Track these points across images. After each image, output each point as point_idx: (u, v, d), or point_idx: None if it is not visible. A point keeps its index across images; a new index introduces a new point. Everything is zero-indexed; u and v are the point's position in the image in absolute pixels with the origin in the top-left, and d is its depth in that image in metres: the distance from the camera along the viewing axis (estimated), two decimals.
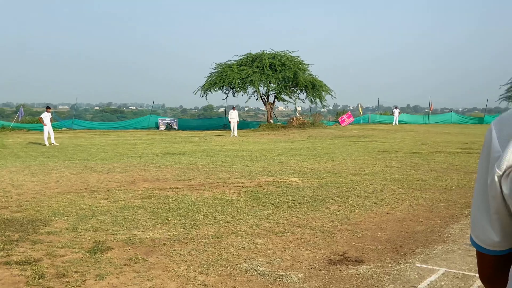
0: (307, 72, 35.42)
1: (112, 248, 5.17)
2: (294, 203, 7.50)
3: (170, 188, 8.95)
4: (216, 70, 35.02)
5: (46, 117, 20.33)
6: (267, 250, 5.18)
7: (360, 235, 5.76)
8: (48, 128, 20.07)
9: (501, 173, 0.92)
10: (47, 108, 21.55)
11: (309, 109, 41.85)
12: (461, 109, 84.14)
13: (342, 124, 36.03)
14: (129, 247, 5.23)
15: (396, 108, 40.24)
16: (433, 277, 4.39)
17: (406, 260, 4.87)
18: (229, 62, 35.15)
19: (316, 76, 36.02)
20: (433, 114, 45.84)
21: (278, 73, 33.32)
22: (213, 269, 4.54)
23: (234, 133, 26.52)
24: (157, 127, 36.17)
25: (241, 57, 35.38)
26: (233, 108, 28.48)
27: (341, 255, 4.99)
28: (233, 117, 27.14)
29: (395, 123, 38.13)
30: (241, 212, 6.92)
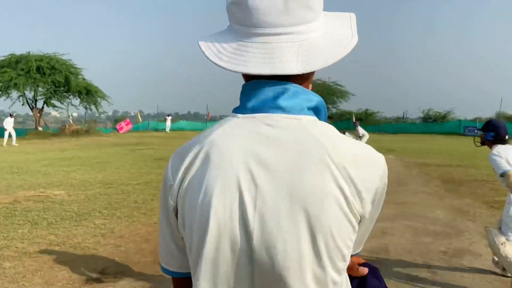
0: (80, 76, 33.66)
1: None
2: (55, 219, 6.89)
3: None
4: None
5: None
6: (16, 275, 4.61)
7: (124, 248, 5.59)
8: None
9: (173, 204, 0.95)
10: None
11: (85, 115, 39.85)
12: None
13: (121, 132, 35.12)
14: None
15: (168, 115, 41.44)
16: None
17: None
18: None
19: (91, 81, 34.53)
20: (211, 121, 48.28)
21: (47, 76, 30.78)
22: None
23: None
24: None
25: (3, 58, 31.64)
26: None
27: (99, 272, 4.74)
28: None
29: (167, 130, 39.14)
30: None
